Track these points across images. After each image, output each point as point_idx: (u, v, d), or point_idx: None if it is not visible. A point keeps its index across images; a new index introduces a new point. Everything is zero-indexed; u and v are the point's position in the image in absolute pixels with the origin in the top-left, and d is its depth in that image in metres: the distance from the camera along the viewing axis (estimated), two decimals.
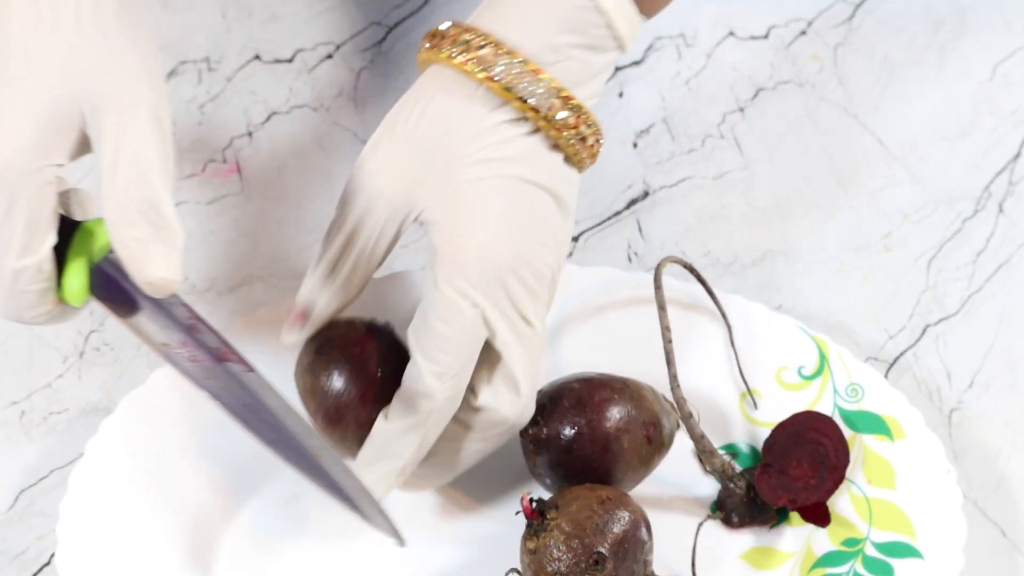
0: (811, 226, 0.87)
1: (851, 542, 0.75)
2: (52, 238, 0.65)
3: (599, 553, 0.69)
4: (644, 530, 0.70)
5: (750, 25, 0.94)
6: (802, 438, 0.75)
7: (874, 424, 0.77)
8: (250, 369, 0.67)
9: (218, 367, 0.66)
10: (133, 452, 0.76)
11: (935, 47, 0.94)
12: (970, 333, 0.84)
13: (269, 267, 0.85)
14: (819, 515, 0.74)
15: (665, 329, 0.77)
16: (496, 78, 0.70)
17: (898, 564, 0.73)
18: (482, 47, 0.70)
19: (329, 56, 0.92)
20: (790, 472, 0.75)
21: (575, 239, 0.86)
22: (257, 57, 0.93)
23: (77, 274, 0.66)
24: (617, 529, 0.69)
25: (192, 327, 0.66)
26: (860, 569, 0.74)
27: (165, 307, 0.66)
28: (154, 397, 0.77)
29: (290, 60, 0.93)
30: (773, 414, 0.78)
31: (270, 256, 0.85)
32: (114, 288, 0.66)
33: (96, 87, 0.64)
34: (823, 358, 0.79)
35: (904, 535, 0.74)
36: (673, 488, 0.78)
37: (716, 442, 0.78)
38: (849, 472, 0.76)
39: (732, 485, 0.75)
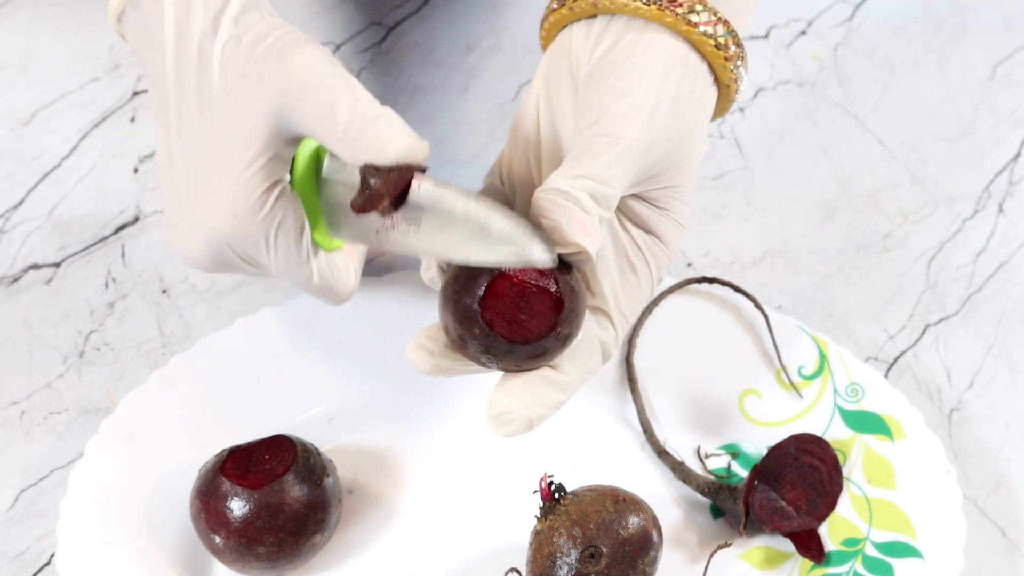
0: (811, 226, 0.87)
1: (851, 542, 0.75)
2: (308, 233, 0.69)
3: (596, 547, 0.69)
4: (652, 539, 0.70)
5: (750, 25, 0.94)
6: (798, 461, 0.75)
7: (874, 424, 0.77)
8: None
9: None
10: (133, 452, 0.76)
11: (935, 47, 0.94)
12: (970, 333, 0.84)
13: None
14: (814, 549, 0.74)
15: (631, 380, 0.79)
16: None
17: (898, 564, 0.73)
18: None
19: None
20: (783, 496, 0.75)
21: None
22: None
23: (317, 223, 0.70)
24: (623, 530, 0.69)
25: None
26: (860, 569, 0.74)
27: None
28: (154, 397, 0.77)
29: None
30: (773, 414, 0.79)
31: None
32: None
33: (277, 81, 0.66)
34: (823, 358, 0.79)
35: (904, 535, 0.74)
36: (674, 489, 0.78)
37: (716, 442, 0.78)
38: (849, 472, 0.76)
39: (725, 498, 0.76)
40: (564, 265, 0.66)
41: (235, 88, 0.66)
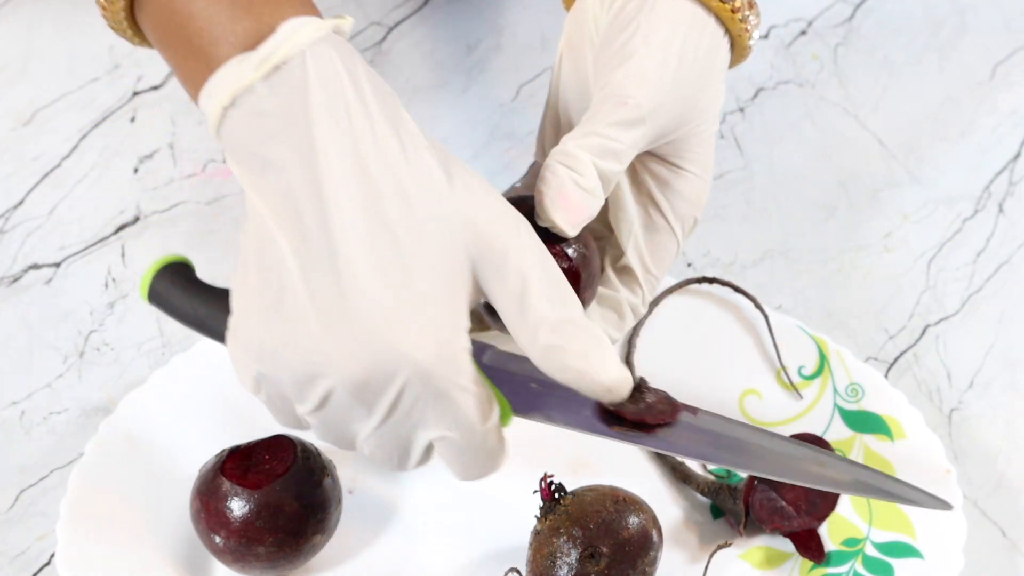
0: (811, 226, 0.87)
1: (851, 542, 0.75)
2: (495, 401, 0.64)
3: (596, 548, 0.69)
4: (652, 539, 0.70)
5: None
6: None
7: (874, 424, 0.77)
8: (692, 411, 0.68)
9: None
10: (133, 452, 0.76)
11: (935, 47, 0.94)
12: (970, 333, 0.84)
13: None
14: (814, 549, 0.74)
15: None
16: None
17: (898, 564, 0.73)
18: None
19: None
20: (783, 496, 0.75)
21: None
22: None
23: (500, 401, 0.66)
24: (623, 530, 0.69)
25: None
26: (860, 569, 0.74)
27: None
28: (154, 397, 0.77)
29: None
30: (773, 414, 0.79)
31: None
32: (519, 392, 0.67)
33: (483, 235, 0.62)
34: (823, 358, 0.79)
35: (904, 535, 0.74)
36: (674, 489, 0.78)
37: None
38: None
39: (725, 498, 0.76)
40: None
41: (430, 217, 0.60)
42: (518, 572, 0.71)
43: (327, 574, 0.75)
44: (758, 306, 0.80)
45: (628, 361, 0.80)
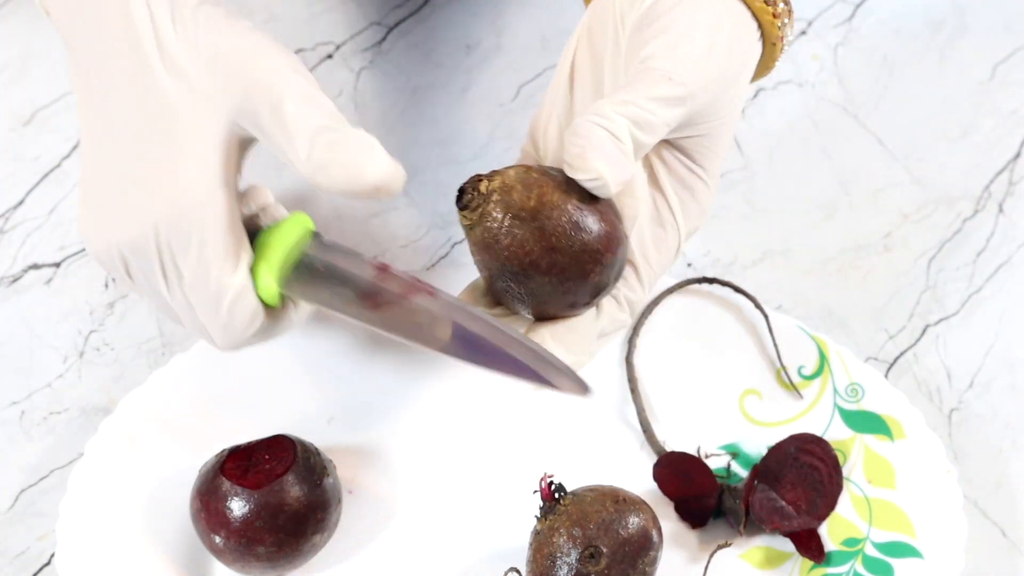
0: (811, 226, 0.87)
1: (851, 542, 0.75)
2: (248, 255, 0.66)
3: (596, 548, 0.69)
4: (652, 539, 0.70)
5: None
6: (798, 461, 0.75)
7: (874, 424, 0.77)
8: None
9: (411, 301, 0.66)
10: (133, 452, 0.76)
11: (935, 47, 0.94)
12: (970, 333, 0.84)
13: None
14: (814, 549, 0.74)
15: (631, 380, 0.79)
16: None
17: (898, 564, 0.73)
18: None
19: (329, 56, 0.92)
20: (783, 496, 0.75)
21: None
22: None
23: (267, 274, 0.66)
24: (623, 530, 0.69)
25: (381, 270, 0.67)
26: (860, 569, 0.74)
27: (342, 273, 0.67)
28: (154, 397, 0.77)
29: None
30: (773, 414, 0.79)
31: None
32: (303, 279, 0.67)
33: (242, 79, 0.64)
34: (823, 358, 0.79)
35: (904, 535, 0.74)
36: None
37: (716, 442, 0.78)
38: (849, 472, 0.76)
39: (725, 498, 0.76)
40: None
41: (194, 75, 0.64)
42: (518, 572, 0.71)
43: (327, 574, 0.75)
44: (758, 306, 0.80)
45: (628, 361, 0.80)
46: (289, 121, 0.63)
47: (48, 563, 0.76)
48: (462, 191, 0.65)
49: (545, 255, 0.65)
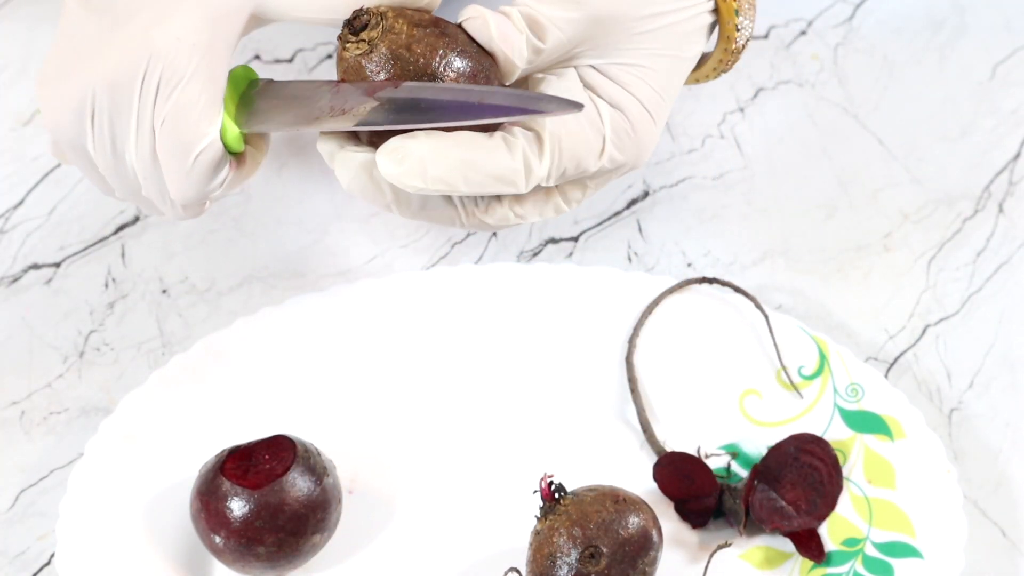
0: (811, 226, 0.87)
1: (851, 542, 0.75)
2: (220, 110, 0.67)
3: (596, 547, 0.69)
4: (652, 539, 0.70)
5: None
6: (798, 461, 0.75)
7: (874, 424, 0.77)
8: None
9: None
10: (133, 452, 0.76)
11: (935, 47, 0.94)
12: (970, 333, 0.84)
13: (269, 267, 0.85)
14: (814, 549, 0.74)
15: (631, 380, 0.78)
16: None
17: (898, 564, 0.73)
18: None
19: (329, 56, 0.92)
20: (783, 496, 0.75)
21: (575, 239, 0.86)
22: (257, 57, 0.93)
23: (227, 119, 0.68)
24: (623, 530, 0.69)
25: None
26: (860, 569, 0.74)
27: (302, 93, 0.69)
28: (154, 397, 0.77)
29: (290, 60, 0.93)
30: (773, 414, 0.79)
31: (270, 256, 0.85)
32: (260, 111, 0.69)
33: None
34: (823, 358, 0.79)
35: (904, 535, 0.74)
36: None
37: (716, 442, 0.78)
38: (849, 472, 0.76)
39: (725, 498, 0.76)
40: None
41: None
42: (518, 572, 0.71)
43: (327, 574, 0.75)
44: (758, 306, 0.80)
45: (628, 361, 0.80)
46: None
47: (48, 563, 0.76)
48: (356, 15, 0.68)
49: (456, 57, 0.68)
